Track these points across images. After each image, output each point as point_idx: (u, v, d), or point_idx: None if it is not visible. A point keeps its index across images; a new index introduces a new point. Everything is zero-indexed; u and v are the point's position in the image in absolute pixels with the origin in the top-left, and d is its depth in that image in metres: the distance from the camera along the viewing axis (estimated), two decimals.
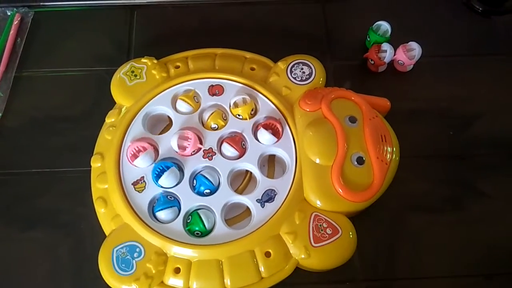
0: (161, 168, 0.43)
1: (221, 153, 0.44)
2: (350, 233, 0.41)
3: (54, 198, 0.46)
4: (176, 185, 0.43)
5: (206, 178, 0.43)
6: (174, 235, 0.41)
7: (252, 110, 0.46)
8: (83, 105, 0.51)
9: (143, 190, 0.43)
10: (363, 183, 0.42)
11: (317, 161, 0.43)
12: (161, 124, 0.49)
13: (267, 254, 0.40)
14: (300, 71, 0.48)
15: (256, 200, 0.42)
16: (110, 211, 0.43)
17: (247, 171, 0.45)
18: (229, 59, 0.50)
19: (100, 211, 0.43)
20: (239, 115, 0.45)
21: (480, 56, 0.54)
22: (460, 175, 0.47)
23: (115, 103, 0.49)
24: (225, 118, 0.46)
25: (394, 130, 0.45)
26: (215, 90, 0.47)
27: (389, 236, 0.45)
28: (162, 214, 0.42)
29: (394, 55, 0.51)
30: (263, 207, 0.42)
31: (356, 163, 0.42)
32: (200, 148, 0.44)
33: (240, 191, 0.44)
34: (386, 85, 0.51)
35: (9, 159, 0.48)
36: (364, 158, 0.43)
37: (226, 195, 0.43)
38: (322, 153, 0.43)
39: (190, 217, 0.42)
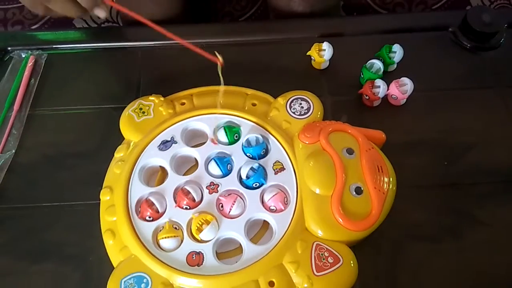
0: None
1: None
2: (351, 261, 0.42)
3: (63, 231, 0.47)
4: None
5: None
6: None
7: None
8: (92, 141, 0.53)
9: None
10: (362, 212, 0.43)
11: (317, 191, 0.44)
12: None
13: (271, 284, 0.41)
14: (299, 106, 0.50)
15: None
16: (118, 243, 0.44)
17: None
18: (231, 95, 0.52)
19: (109, 242, 0.44)
20: None
21: (469, 89, 0.56)
22: (455, 204, 0.48)
23: (123, 138, 0.51)
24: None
25: (390, 161, 0.47)
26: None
27: (389, 264, 0.45)
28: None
29: (388, 90, 0.53)
30: None
31: (354, 193, 0.44)
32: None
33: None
34: (381, 118, 0.53)
35: (21, 193, 0.50)
36: (362, 188, 0.44)
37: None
38: (321, 183, 0.44)
39: None
